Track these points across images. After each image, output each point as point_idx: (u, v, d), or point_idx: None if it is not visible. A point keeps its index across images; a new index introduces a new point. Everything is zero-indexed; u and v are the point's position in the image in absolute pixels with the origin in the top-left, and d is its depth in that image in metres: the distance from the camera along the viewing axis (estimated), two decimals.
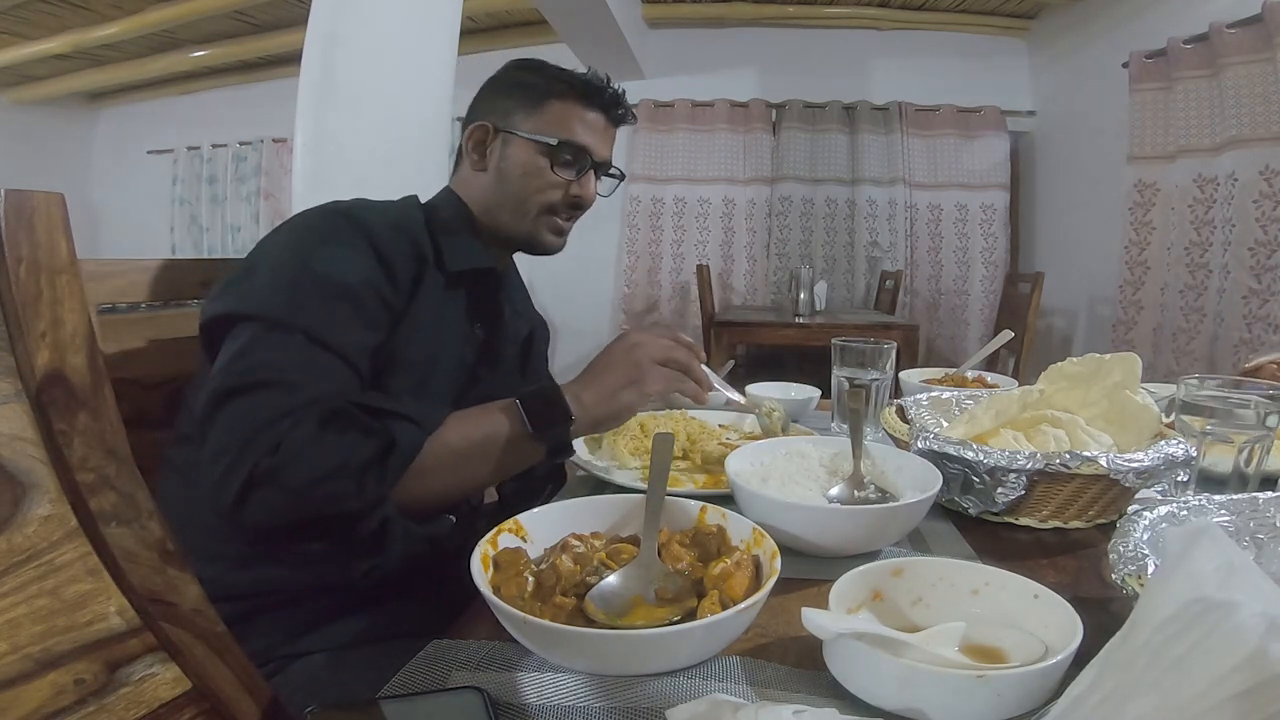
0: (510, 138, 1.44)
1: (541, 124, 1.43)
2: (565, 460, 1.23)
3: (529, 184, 1.43)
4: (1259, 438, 1.18)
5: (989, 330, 6.08)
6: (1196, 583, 0.43)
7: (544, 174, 1.42)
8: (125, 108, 8.43)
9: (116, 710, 0.62)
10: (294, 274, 1.17)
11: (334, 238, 1.23)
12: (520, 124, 1.43)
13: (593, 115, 1.47)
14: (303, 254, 1.20)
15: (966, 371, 2.17)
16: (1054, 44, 6.23)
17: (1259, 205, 3.93)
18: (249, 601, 1.14)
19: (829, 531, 1.02)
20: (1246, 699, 0.36)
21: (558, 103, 1.44)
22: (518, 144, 1.43)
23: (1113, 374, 1.32)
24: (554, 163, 1.42)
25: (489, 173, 1.46)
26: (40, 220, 0.58)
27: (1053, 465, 1.10)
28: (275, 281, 1.16)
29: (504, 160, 1.44)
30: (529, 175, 1.43)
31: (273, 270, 1.18)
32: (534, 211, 1.45)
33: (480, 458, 1.14)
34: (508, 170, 1.44)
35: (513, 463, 1.17)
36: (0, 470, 0.56)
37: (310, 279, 1.16)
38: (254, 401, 1.03)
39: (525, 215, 1.45)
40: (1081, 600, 0.74)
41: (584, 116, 1.45)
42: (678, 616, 0.80)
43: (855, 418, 1.21)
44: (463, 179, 1.50)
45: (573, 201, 1.47)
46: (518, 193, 1.44)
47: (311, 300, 1.14)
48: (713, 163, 6.69)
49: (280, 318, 1.11)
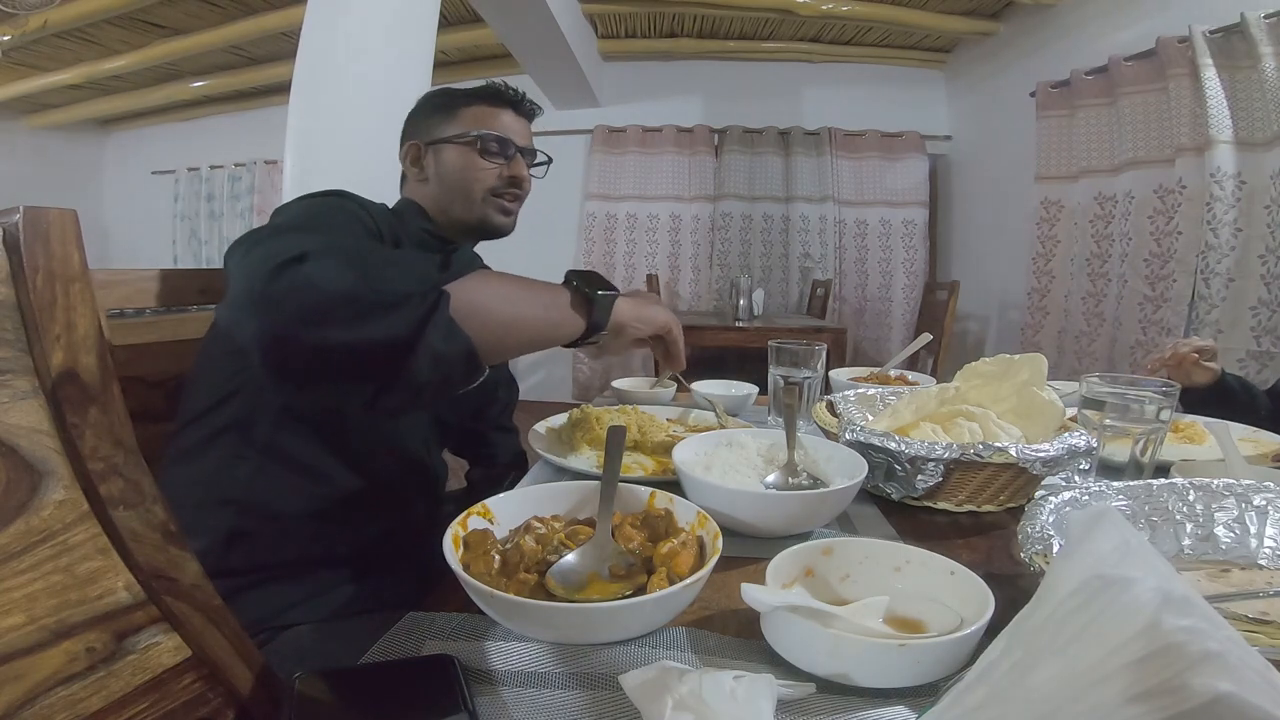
0: (439, 146, 1.53)
1: (460, 127, 1.52)
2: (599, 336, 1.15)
3: (467, 175, 1.51)
4: (1153, 430, 1.20)
5: (910, 333, 6.16)
6: (1097, 561, 0.44)
7: (476, 163, 1.51)
8: (132, 133, 8.44)
9: (124, 676, 0.63)
10: (309, 213, 1.20)
11: (343, 209, 1.27)
12: (442, 133, 1.53)
13: (502, 112, 1.56)
14: (315, 213, 1.22)
15: (890, 370, 2.19)
16: (968, 75, 6.33)
17: (1153, 220, 4.01)
18: (239, 578, 1.14)
19: (766, 514, 1.02)
20: (1141, 666, 0.36)
21: (469, 108, 1.54)
22: (447, 149, 1.52)
23: (1021, 373, 1.34)
24: (482, 152, 1.51)
25: (430, 180, 1.54)
26: (55, 234, 0.59)
27: (967, 455, 1.11)
28: (292, 220, 1.17)
29: (440, 165, 1.52)
30: (465, 169, 1.51)
31: (289, 219, 1.17)
32: (479, 196, 1.52)
33: (528, 306, 1.06)
34: (446, 171, 1.52)
35: (558, 321, 1.08)
36: (19, 459, 0.57)
37: (325, 216, 1.20)
38: (283, 240, 0.94)
39: (473, 202, 1.52)
40: (993, 576, 0.75)
41: (495, 114, 1.54)
42: (629, 591, 0.80)
43: (789, 412, 1.21)
44: (411, 193, 1.58)
45: (510, 181, 1.54)
46: (460, 185, 1.51)
47: (328, 223, 1.18)
48: (661, 182, 6.74)
49: (301, 225, 1.13)
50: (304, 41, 2.98)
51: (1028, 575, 0.80)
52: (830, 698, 0.66)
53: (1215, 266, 3.59)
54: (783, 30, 6.23)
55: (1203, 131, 3.63)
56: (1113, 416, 1.22)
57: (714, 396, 1.81)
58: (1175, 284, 3.82)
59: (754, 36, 6.38)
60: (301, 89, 2.96)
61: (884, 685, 0.66)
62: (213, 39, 5.82)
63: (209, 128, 7.99)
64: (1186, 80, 3.77)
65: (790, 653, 0.70)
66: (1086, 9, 4.74)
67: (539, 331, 1.07)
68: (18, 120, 7.76)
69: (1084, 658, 0.39)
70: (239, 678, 0.71)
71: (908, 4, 5.43)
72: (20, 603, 0.56)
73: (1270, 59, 3.38)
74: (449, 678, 0.68)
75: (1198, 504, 0.93)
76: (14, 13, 4.73)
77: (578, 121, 6.69)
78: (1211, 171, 3.57)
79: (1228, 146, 3.56)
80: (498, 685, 0.69)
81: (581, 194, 6.87)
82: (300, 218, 1.16)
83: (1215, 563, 0.90)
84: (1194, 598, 0.39)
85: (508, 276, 1.07)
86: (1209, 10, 3.65)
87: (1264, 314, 3.45)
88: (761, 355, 1.75)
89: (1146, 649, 0.37)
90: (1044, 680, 0.41)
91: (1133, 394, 1.22)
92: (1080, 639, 0.40)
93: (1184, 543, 0.92)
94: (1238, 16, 3.46)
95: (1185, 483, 0.96)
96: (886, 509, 1.20)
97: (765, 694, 0.59)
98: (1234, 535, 0.91)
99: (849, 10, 5.39)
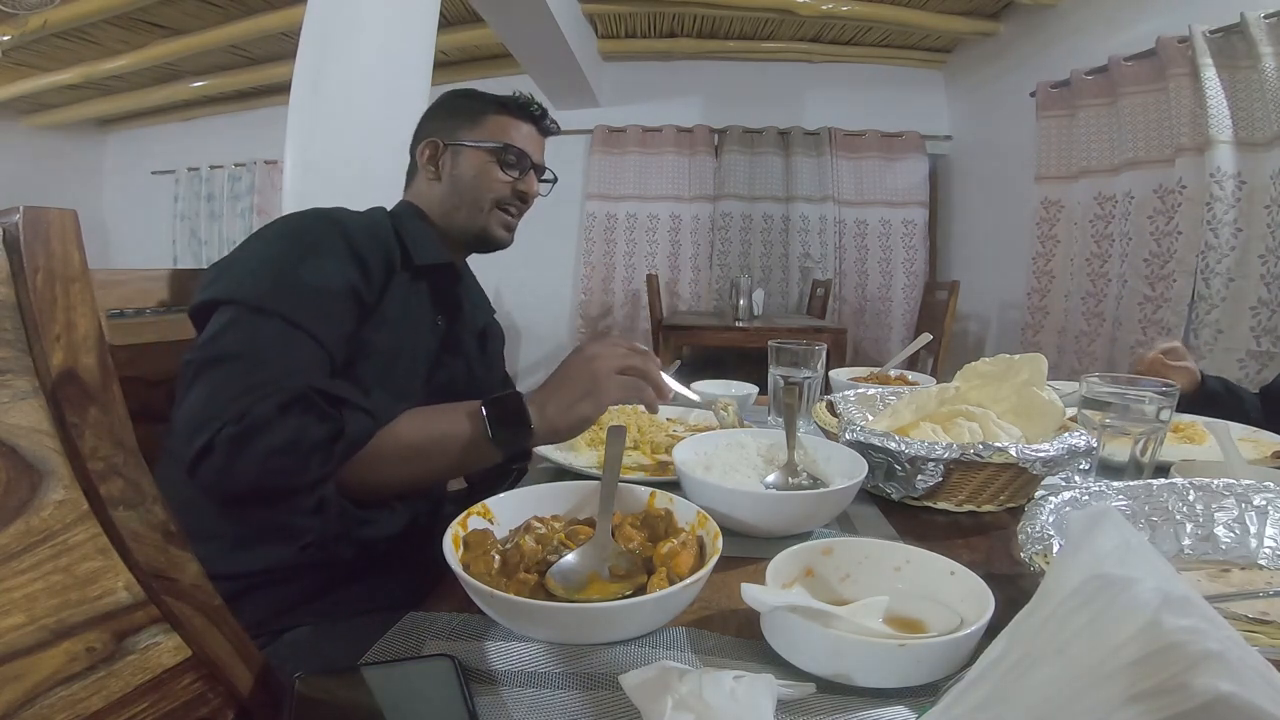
0: (459, 149, 1.53)
1: (484, 134, 1.53)
2: (522, 463, 1.23)
3: (481, 184, 1.52)
4: (1153, 430, 1.20)
5: (910, 333, 6.15)
6: (1097, 561, 0.44)
7: (493, 173, 1.52)
8: (132, 132, 8.40)
9: (124, 675, 0.63)
10: (278, 266, 1.18)
11: (317, 238, 1.25)
12: (465, 137, 1.52)
13: (525, 126, 1.57)
14: (288, 250, 1.22)
15: (890, 370, 2.19)
16: (968, 75, 6.32)
17: (1153, 220, 4.00)
18: (241, 581, 1.14)
19: (766, 514, 1.02)
20: (1140, 666, 0.36)
21: (495, 117, 1.54)
22: (466, 153, 1.52)
23: (1021, 373, 1.34)
24: (501, 164, 1.52)
25: (443, 181, 1.54)
26: (55, 234, 0.59)
27: (967, 455, 1.11)
28: (259, 271, 1.17)
29: (456, 168, 1.52)
30: (480, 177, 1.52)
31: (259, 262, 1.20)
32: (487, 207, 1.53)
33: (437, 454, 1.12)
34: (461, 176, 1.52)
35: (469, 462, 1.15)
36: (19, 459, 0.57)
37: (293, 273, 1.17)
38: (225, 374, 1.03)
39: (480, 211, 1.53)
40: (993, 576, 0.75)
41: (518, 127, 1.56)
42: (629, 591, 0.81)
43: (789, 412, 1.21)
44: (418, 191, 1.57)
45: (519, 196, 1.56)
46: (472, 193, 1.52)
47: (292, 290, 1.15)
48: (661, 182, 6.72)
49: (261, 303, 1.11)
50: (304, 41, 2.96)
51: (1028, 575, 0.81)
52: (830, 698, 0.66)
53: (1215, 267, 3.58)
54: (783, 30, 6.22)
55: (1203, 131, 3.62)
56: (1113, 417, 1.23)
57: (726, 398, 1.81)
58: (1175, 284, 3.81)
59: (754, 36, 6.36)
60: (301, 89, 2.95)
61: (884, 685, 0.66)
62: (213, 39, 5.80)
63: (209, 128, 7.96)
64: (1186, 80, 3.76)
65: (790, 653, 0.70)
66: (1087, 9, 4.73)
67: (450, 474, 1.22)
68: (18, 120, 7.74)
69: (1084, 657, 0.39)
70: (239, 678, 0.72)
71: (908, 4, 5.42)
72: (20, 603, 0.56)
73: (1270, 59, 3.37)
74: (449, 678, 0.68)
75: (1198, 504, 0.93)
76: (14, 13, 4.72)
77: (578, 121, 6.65)
78: (1211, 171, 3.56)
79: (1228, 146, 3.55)
80: (498, 685, 0.69)
81: (581, 194, 6.85)
82: (263, 294, 1.13)
83: (1215, 563, 0.90)
84: (1194, 598, 0.39)
85: (406, 428, 1.12)
86: (1209, 10, 3.64)
87: (1264, 314, 3.44)
88: (761, 355, 1.75)
89: (1146, 649, 0.37)
90: (1044, 680, 0.41)
91: (1133, 394, 1.22)
92: (1080, 639, 0.40)
93: (1184, 543, 0.92)
94: (1238, 16, 3.45)
95: (1185, 483, 0.96)
96: (886, 509, 1.20)
97: (765, 694, 0.59)
98: (1234, 535, 0.91)
99: (849, 10, 5.38)
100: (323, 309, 1.18)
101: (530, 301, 6.85)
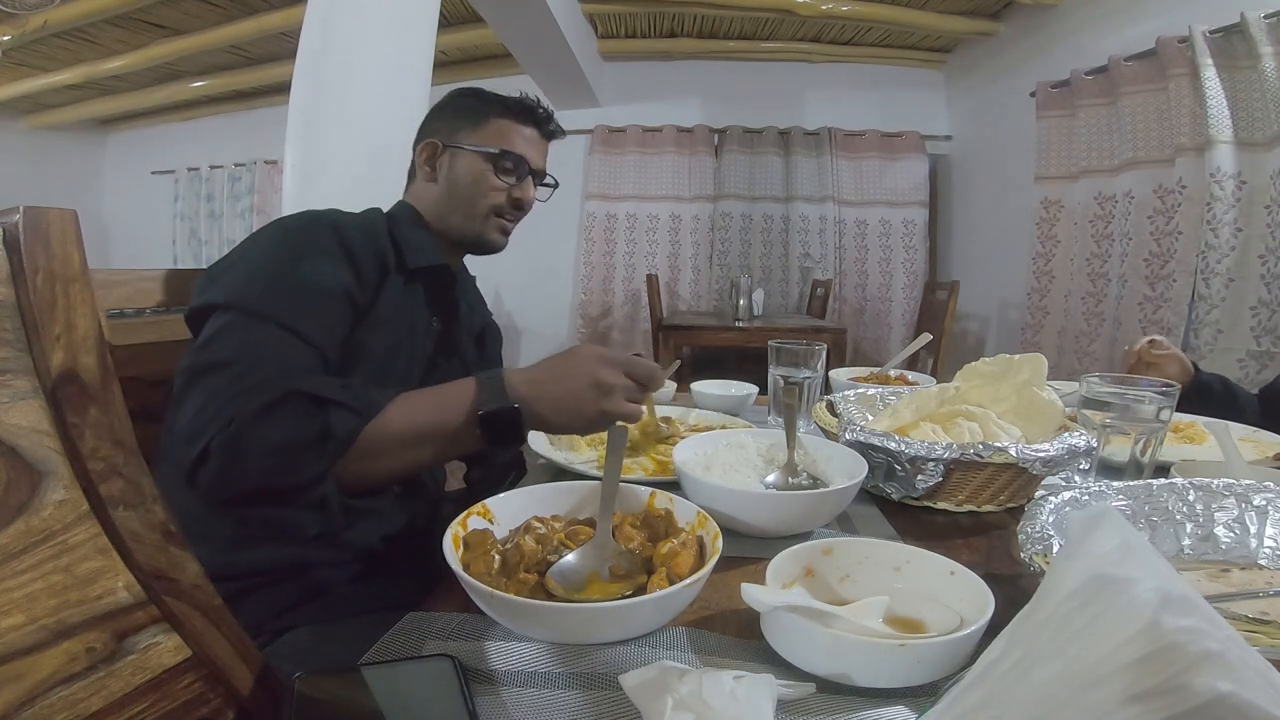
0: (457, 151, 1.50)
1: (484, 138, 1.50)
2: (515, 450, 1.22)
3: (476, 189, 1.49)
4: (1153, 430, 1.20)
5: (910, 333, 6.16)
6: (1097, 561, 0.43)
7: (489, 179, 1.49)
8: (132, 132, 8.43)
9: (124, 675, 0.63)
10: (273, 271, 1.18)
11: (311, 241, 1.25)
12: (465, 139, 1.50)
13: (528, 130, 1.54)
14: (282, 254, 1.22)
15: (890, 370, 2.19)
16: (968, 75, 6.33)
17: (1152, 220, 4.00)
18: (241, 581, 1.15)
19: (766, 514, 1.02)
20: (1140, 666, 0.36)
21: (497, 120, 1.51)
22: (464, 156, 1.50)
23: (1021, 372, 1.34)
24: (497, 170, 1.49)
25: (440, 183, 1.52)
26: (55, 234, 0.59)
27: (967, 455, 1.11)
28: (254, 276, 1.17)
29: (453, 171, 1.50)
30: (476, 181, 1.49)
31: (253, 267, 1.19)
32: (482, 213, 1.51)
33: (429, 441, 1.09)
34: (457, 179, 1.50)
35: (453, 450, 1.12)
36: (19, 459, 0.57)
37: (287, 276, 1.18)
38: (219, 380, 1.03)
39: (475, 216, 1.51)
40: (993, 576, 0.75)
41: (521, 131, 1.53)
42: (629, 591, 0.81)
43: (790, 412, 1.21)
44: (416, 192, 1.56)
45: (515, 203, 1.53)
46: (467, 197, 1.50)
47: (286, 294, 1.15)
48: (661, 182, 6.73)
49: (255, 308, 1.12)
50: (304, 41, 2.96)
51: (1028, 575, 0.80)
52: (830, 698, 0.66)
53: (1215, 266, 3.58)
54: (783, 30, 6.22)
55: (1203, 131, 3.62)
56: (1113, 417, 1.23)
57: (714, 396, 1.81)
58: (1175, 284, 3.81)
59: (754, 36, 6.37)
60: (301, 89, 2.95)
61: (884, 685, 0.66)
62: (213, 39, 5.81)
63: (209, 128, 7.97)
64: (1186, 80, 3.76)
65: (790, 653, 0.70)
66: (1087, 9, 4.73)
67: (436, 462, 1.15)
68: (18, 120, 7.76)
69: (1084, 657, 0.39)
70: (239, 678, 0.72)
71: (907, 4, 5.42)
72: (20, 603, 0.56)
73: (1270, 59, 3.37)
74: (449, 678, 0.68)
75: (1198, 504, 0.93)
76: (14, 13, 4.73)
77: (578, 121, 6.65)
78: (1211, 171, 3.56)
79: (1228, 146, 3.55)
80: (498, 685, 0.69)
81: (581, 194, 6.85)
82: (257, 298, 1.13)
83: (1215, 563, 0.90)
84: (1194, 598, 0.39)
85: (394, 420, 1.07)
86: (1209, 10, 3.64)
87: (1264, 314, 3.44)
88: (761, 355, 1.75)
89: (1146, 649, 0.37)
90: (1044, 680, 0.41)
91: (1133, 394, 1.22)
92: (1080, 639, 0.40)
93: (1184, 543, 0.92)
94: (1238, 16, 3.46)
95: (1185, 483, 0.96)
96: (886, 509, 1.20)
97: (765, 694, 0.59)
98: (1234, 535, 0.91)
99: (849, 10, 5.39)
100: (318, 312, 1.18)
101: (530, 301, 6.88)
